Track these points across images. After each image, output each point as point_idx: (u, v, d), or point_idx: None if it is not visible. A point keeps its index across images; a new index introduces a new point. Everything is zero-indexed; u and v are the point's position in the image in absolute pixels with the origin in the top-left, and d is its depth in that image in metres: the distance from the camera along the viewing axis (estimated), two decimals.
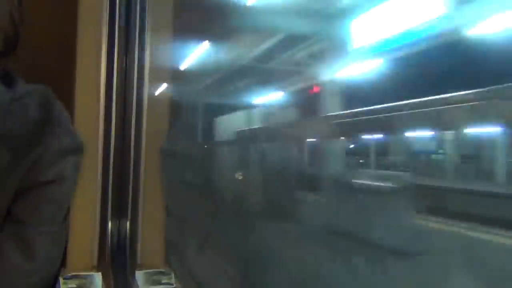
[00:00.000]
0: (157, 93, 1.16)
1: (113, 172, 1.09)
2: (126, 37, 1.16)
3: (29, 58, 1.05)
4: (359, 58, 4.32)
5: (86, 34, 1.09)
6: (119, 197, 1.12)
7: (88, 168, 1.06)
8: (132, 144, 1.12)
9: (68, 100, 1.08)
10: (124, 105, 1.15)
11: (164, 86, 1.18)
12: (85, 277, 1.02)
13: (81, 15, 1.09)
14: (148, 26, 1.14)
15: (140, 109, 1.14)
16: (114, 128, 1.10)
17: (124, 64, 1.16)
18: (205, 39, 4.73)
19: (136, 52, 1.15)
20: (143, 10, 1.15)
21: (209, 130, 6.16)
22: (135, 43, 1.15)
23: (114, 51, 1.11)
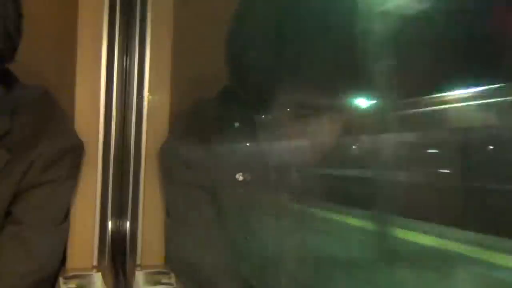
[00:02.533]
0: (158, 92, 1.16)
1: (113, 172, 1.09)
2: (126, 36, 1.16)
3: (29, 58, 1.05)
4: None
5: (86, 34, 1.09)
6: (119, 197, 1.12)
7: (88, 168, 1.06)
8: (132, 144, 1.12)
9: (68, 100, 1.08)
10: (124, 104, 1.15)
11: (165, 85, 1.18)
12: (85, 277, 1.02)
13: (81, 15, 1.09)
14: (148, 25, 1.14)
15: (140, 109, 1.14)
16: (114, 128, 1.10)
17: (124, 64, 1.16)
18: None
19: (137, 51, 1.15)
20: (143, 9, 1.15)
21: None
22: (135, 42, 1.15)
23: (114, 51, 1.11)
